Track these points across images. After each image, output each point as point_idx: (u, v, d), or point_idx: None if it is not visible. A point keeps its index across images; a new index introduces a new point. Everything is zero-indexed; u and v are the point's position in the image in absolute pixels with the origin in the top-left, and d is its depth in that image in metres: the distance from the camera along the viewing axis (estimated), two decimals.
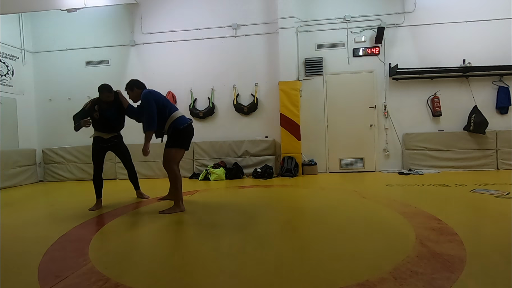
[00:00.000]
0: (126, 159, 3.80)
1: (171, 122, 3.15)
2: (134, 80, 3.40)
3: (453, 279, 1.43)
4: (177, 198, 3.17)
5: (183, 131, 3.17)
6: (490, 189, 3.64)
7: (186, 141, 3.25)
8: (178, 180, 3.19)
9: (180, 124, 3.16)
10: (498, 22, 5.67)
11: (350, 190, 4.07)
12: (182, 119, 3.21)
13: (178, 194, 3.18)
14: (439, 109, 5.77)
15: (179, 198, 3.17)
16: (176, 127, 3.15)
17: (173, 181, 3.21)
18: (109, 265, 1.79)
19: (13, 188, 5.63)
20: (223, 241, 2.22)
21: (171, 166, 3.18)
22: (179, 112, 3.26)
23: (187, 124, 3.22)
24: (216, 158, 6.15)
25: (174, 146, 3.18)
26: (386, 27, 5.77)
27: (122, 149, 3.76)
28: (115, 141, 3.67)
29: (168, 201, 3.54)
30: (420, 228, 2.23)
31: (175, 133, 3.16)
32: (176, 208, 3.13)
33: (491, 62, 5.58)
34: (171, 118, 3.17)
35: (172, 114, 3.18)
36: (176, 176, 3.19)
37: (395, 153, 6.02)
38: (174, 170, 3.19)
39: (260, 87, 6.29)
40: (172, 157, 3.19)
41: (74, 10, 5.74)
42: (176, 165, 3.23)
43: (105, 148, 3.60)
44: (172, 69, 6.48)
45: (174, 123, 3.15)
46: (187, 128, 3.21)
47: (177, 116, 3.19)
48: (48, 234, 2.48)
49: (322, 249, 1.95)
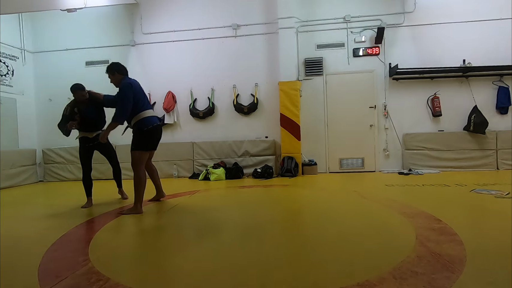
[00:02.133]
0: (111, 157, 3.84)
1: (138, 119, 3.11)
2: (115, 64, 3.29)
3: (453, 279, 1.43)
4: (136, 200, 3.13)
5: (146, 133, 3.13)
6: (490, 189, 3.64)
7: (149, 144, 3.23)
8: (142, 183, 3.15)
9: (144, 125, 3.12)
10: (498, 22, 5.67)
11: (350, 190, 4.07)
12: (148, 120, 3.16)
13: (137, 196, 3.13)
14: (439, 109, 5.77)
15: (138, 201, 3.12)
16: (139, 127, 3.12)
17: (136, 183, 3.14)
18: (109, 265, 1.78)
19: (13, 188, 5.63)
20: (223, 241, 2.22)
21: (136, 167, 3.16)
22: (149, 112, 3.21)
23: (152, 126, 3.16)
24: (216, 158, 6.15)
25: (137, 149, 3.15)
26: (386, 27, 5.77)
27: (107, 147, 3.78)
28: None
29: (167, 202, 3.53)
30: (420, 228, 2.22)
31: (137, 133, 3.14)
32: (134, 209, 3.09)
33: (491, 62, 5.58)
34: (139, 115, 3.12)
35: (141, 112, 3.13)
36: (140, 178, 3.15)
37: (395, 153, 6.02)
38: (139, 172, 3.15)
39: (260, 87, 6.29)
40: (137, 159, 3.16)
41: (74, 10, 5.74)
42: (142, 166, 3.20)
43: (91, 147, 3.65)
44: (172, 69, 6.48)
45: (140, 122, 3.12)
46: (151, 130, 3.16)
47: (146, 116, 3.14)
48: (48, 234, 2.48)
49: (322, 249, 1.95)
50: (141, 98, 3.17)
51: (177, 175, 6.23)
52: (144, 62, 6.60)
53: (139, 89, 3.19)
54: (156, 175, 3.66)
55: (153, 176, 3.64)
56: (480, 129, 5.56)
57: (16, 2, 5.35)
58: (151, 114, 3.24)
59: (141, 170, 3.17)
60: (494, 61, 5.56)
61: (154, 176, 3.64)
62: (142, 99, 3.18)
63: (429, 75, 5.82)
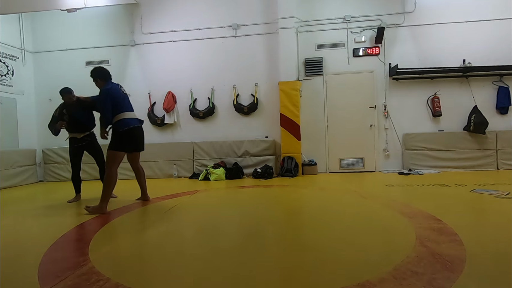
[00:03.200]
0: (98, 158, 3.96)
1: (116, 120, 3.17)
2: (98, 70, 3.37)
3: (453, 279, 1.43)
4: (101, 199, 3.16)
5: (122, 134, 3.16)
6: (490, 189, 3.64)
7: (127, 145, 3.25)
8: (111, 183, 3.18)
9: (120, 126, 3.16)
10: (498, 22, 5.67)
11: (350, 190, 4.07)
12: (126, 121, 3.20)
13: (104, 195, 3.16)
14: (439, 109, 5.77)
15: (104, 200, 3.15)
16: (116, 128, 3.17)
17: (105, 182, 3.19)
18: (109, 265, 1.79)
19: (13, 188, 5.63)
20: (223, 241, 2.22)
21: (109, 167, 3.20)
22: (129, 114, 3.26)
23: (129, 127, 3.19)
24: (216, 158, 6.15)
25: (112, 148, 3.18)
26: (386, 27, 5.77)
27: (94, 148, 3.93)
28: (88, 139, 3.89)
29: (164, 203, 3.53)
30: (420, 228, 2.22)
31: (114, 133, 3.19)
32: (99, 209, 3.12)
33: (491, 62, 5.58)
34: (117, 117, 3.18)
35: (120, 113, 3.19)
36: (110, 178, 3.18)
37: (395, 153, 6.02)
38: (111, 172, 3.18)
39: (260, 87, 6.29)
40: (110, 158, 3.19)
41: (74, 10, 5.74)
42: (114, 166, 3.21)
43: (80, 148, 3.84)
44: (172, 69, 6.48)
45: (117, 123, 3.17)
46: (127, 131, 3.18)
47: (124, 117, 3.19)
48: (48, 234, 2.48)
49: (322, 249, 1.95)
50: (120, 101, 3.24)
51: (177, 175, 6.23)
52: (144, 62, 6.60)
53: (118, 93, 3.27)
54: (143, 178, 3.68)
55: (140, 178, 3.67)
56: (480, 129, 5.55)
57: (16, 2, 5.36)
58: (131, 116, 3.28)
59: (112, 170, 3.19)
60: (494, 61, 5.57)
61: (140, 178, 3.67)
62: (122, 101, 3.25)
63: (429, 75, 5.82)
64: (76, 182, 3.94)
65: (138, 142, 3.41)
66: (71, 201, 3.86)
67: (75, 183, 3.94)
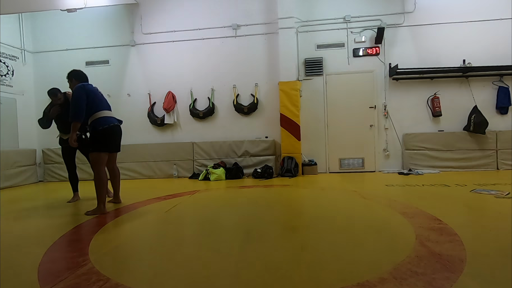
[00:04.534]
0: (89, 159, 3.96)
1: (93, 119, 3.14)
2: (75, 72, 3.36)
3: (453, 279, 1.43)
4: (98, 201, 3.15)
5: (101, 133, 3.12)
6: (490, 189, 3.64)
7: (107, 144, 3.20)
8: (102, 183, 3.15)
9: (99, 125, 3.12)
10: (498, 22, 5.68)
11: (350, 190, 4.07)
12: (104, 119, 3.16)
13: (99, 196, 3.15)
14: (439, 109, 5.77)
15: (100, 201, 3.15)
16: (94, 126, 3.13)
17: (97, 184, 3.15)
18: (109, 265, 1.78)
19: (13, 188, 5.63)
20: (223, 241, 2.22)
21: (96, 168, 3.16)
22: (106, 112, 3.22)
23: (107, 126, 3.15)
24: (216, 158, 6.16)
25: (95, 150, 3.15)
26: (386, 27, 5.77)
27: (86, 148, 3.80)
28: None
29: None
30: (420, 228, 2.22)
31: (93, 133, 3.15)
32: (97, 210, 3.12)
33: (491, 62, 5.58)
34: (94, 115, 3.14)
35: (97, 112, 3.15)
36: (100, 179, 3.15)
37: (395, 153, 6.02)
38: (99, 173, 3.15)
39: (260, 87, 6.29)
40: (95, 160, 3.16)
41: (74, 10, 5.74)
42: (101, 167, 3.18)
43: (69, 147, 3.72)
44: (172, 69, 6.48)
45: (95, 122, 3.13)
46: (106, 129, 3.14)
47: (101, 116, 3.15)
48: (48, 234, 2.48)
49: (322, 249, 1.95)
50: (97, 100, 3.21)
51: (177, 175, 6.23)
52: (144, 62, 6.60)
53: (94, 92, 3.24)
54: (118, 180, 3.63)
55: (114, 180, 3.62)
56: (480, 129, 5.56)
57: (16, 2, 5.36)
58: (108, 114, 3.24)
59: (101, 171, 3.16)
60: (494, 61, 5.57)
61: (115, 180, 3.62)
62: (99, 100, 3.23)
63: (429, 75, 5.83)
64: (73, 181, 4.01)
65: (117, 141, 3.36)
66: (71, 201, 3.90)
67: (71, 182, 4.02)
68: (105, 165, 3.26)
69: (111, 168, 3.56)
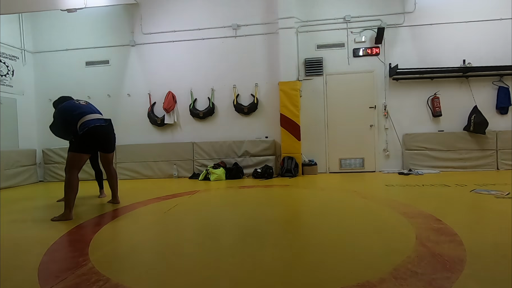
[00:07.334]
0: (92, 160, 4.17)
1: (78, 126, 3.11)
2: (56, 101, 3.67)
3: (453, 279, 1.43)
4: (65, 205, 2.98)
5: (82, 136, 3.07)
6: (490, 189, 3.64)
7: (88, 145, 3.14)
8: (71, 187, 2.97)
9: (80, 129, 3.08)
10: (498, 22, 5.68)
11: (350, 191, 4.07)
12: (86, 123, 3.12)
13: (66, 201, 2.98)
14: (439, 109, 5.77)
15: (67, 206, 2.96)
16: (76, 133, 3.11)
17: (65, 187, 2.99)
18: (109, 265, 1.78)
19: (13, 188, 5.63)
20: (223, 241, 2.22)
21: (68, 170, 3.02)
22: (89, 116, 3.17)
23: (88, 127, 3.09)
24: (216, 158, 6.16)
25: (72, 150, 3.11)
26: (386, 27, 5.77)
27: None
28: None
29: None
30: (420, 228, 2.22)
31: (75, 138, 3.12)
32: (63, 216, 2.94)
33: (491, 62, 5.58)
34: (78, 123, 3.11)
35: (80, 119, 3.13)
36: (69, 182, 2.98)
37: (395, 153, 6.02)
38: (69, 175, 3.00)
39: (260, 87, 6.29)
40: (69, 160, 3.07)
41: (74, 10, 5.73)
42: (74, 169, 3.03)
43: None
44: (172, 69, 6.48)
45: (78, 129, 3.10)
46: (86, 132, 3.07)
47: (84, 120, 3.12)
48: (48, 234, 2.47)
49: (322, 250, 1.95)
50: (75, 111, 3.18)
51: (177, 175, 6.23)
52: (144, 62, 6.60)
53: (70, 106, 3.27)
54: (115, 181, 3.60)
55: (111, 181, 3.59)
56: (480, 129, 5.55)
57: (16, 2, 5.35)
58: (93, 117, 3.19)
59: (72, 174, 3.00)
60: (494, 61, 5.57)
61: (112, 181, 3.59)
62: (77, 110, 3.20)
63: (429, 75, 5.82)
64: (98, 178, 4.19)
65: (103, 141, 3.30)
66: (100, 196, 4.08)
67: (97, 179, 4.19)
68: (79, 170, 3.09)
69: (107, 169, 3.55)
